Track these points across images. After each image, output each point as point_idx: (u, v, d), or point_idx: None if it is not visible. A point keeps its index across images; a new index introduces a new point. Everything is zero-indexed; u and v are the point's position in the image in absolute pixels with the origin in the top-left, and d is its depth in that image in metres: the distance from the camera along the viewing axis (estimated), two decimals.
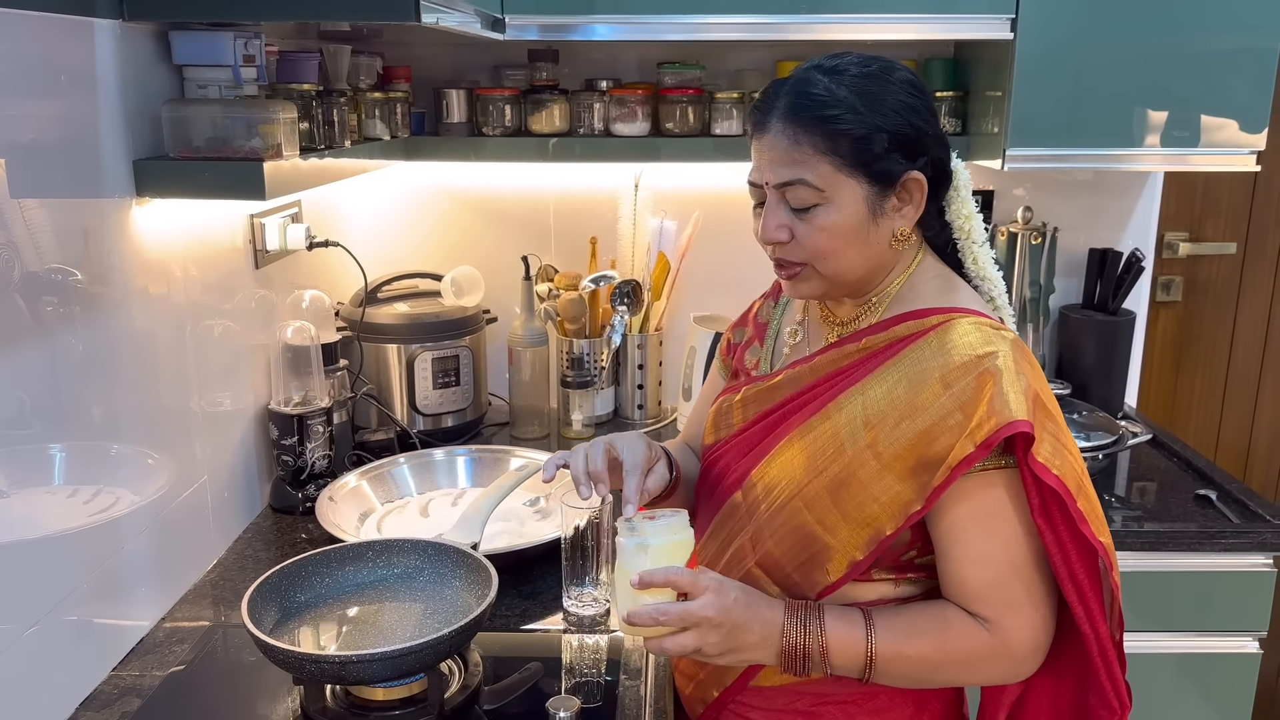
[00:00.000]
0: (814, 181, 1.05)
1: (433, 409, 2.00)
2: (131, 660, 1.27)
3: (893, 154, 1.05)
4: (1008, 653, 1.05)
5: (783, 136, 1.05)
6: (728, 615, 1.02)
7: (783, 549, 1.10)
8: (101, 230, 1.23)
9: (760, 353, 1.29)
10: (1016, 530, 1.03)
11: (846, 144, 1.04)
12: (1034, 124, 1.84)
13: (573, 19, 1.79)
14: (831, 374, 1.13)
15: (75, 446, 1.19)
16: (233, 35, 1.35)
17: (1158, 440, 2.06)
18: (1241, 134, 1.84)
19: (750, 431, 1.19)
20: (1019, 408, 1.00)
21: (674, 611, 1.01)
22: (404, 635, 1.19)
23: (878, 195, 1.06)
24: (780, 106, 1.06)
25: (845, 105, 1.03)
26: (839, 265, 1.08)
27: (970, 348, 1.04)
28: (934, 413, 1.02)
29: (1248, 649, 1.76)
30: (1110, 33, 1.79)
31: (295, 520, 1.67)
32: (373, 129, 1.84)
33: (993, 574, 1.04)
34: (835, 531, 1.07)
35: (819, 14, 1.78)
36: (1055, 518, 1.02)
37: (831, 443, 1.08)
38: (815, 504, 1.08)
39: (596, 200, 2.20)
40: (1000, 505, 1.03)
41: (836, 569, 1.07)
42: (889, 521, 1.04)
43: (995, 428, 0.99)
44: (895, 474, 1.04)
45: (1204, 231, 2.51)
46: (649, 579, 1.01)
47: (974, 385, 1.02)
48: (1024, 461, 1.01)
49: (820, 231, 1.06)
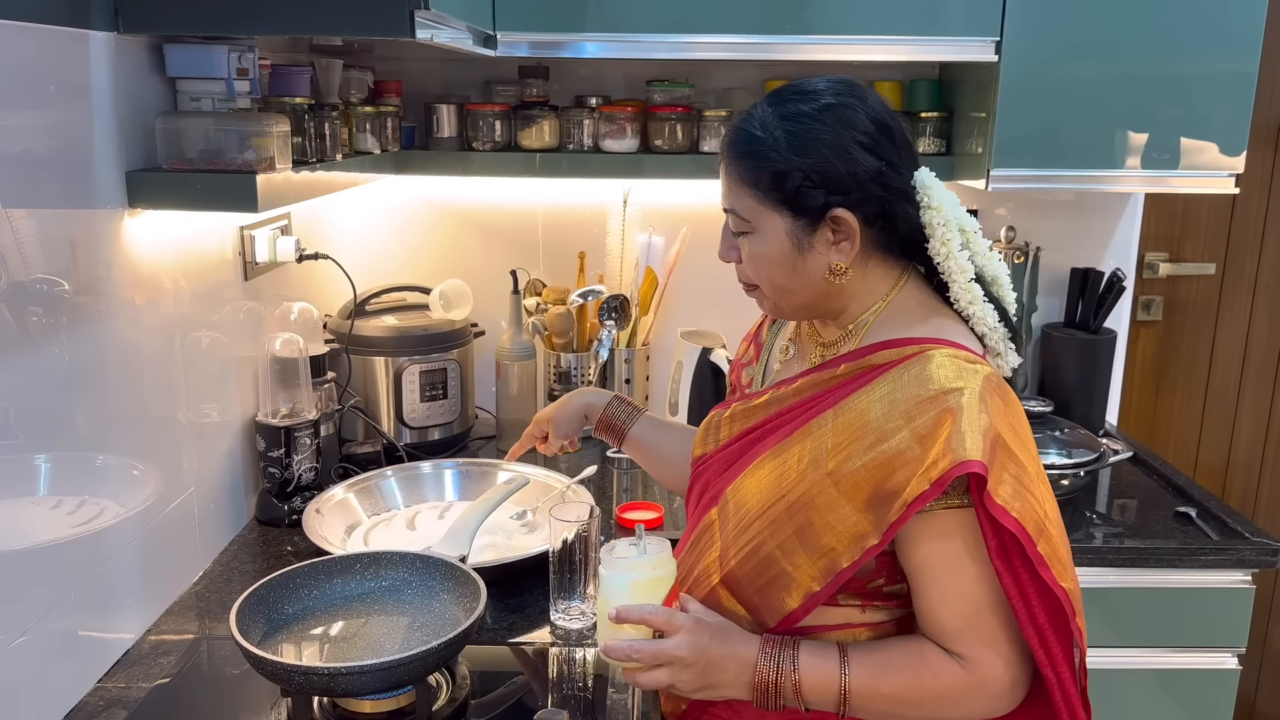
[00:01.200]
0: (741, 212, 1.11)
1: (420, 422, 2.00)
2: (117, 672, 1.26)
3: (813, 190, 1.06)
4: (985, 689, 1.04)
5: (724, 168, 1.13)
6: (701, 653, 1.03)
7: (744, 570, 1.10)
8: (93, 241, 1.24)
9: (754, 371, 1.31)
10: (988, 568, 1.02)
11: (766, 178, 1.08)
12: (1018, 145, 1.86)
13: (563, 36, 1.81)
14: (810, 397, 1.13)
15: (60, 457, 1.18)
16: (226, 48, 1.36)
17: (1138, 458, 2.09)
18: (1220, 157, 1.87)
19: (732, 448, 1.20)
20: (974, 447, 0.98)
21: (647, 650, 1.03)
22: (392, 647, 1.20)
23: (802, 229, 1.09)
24: (725, 138, 1.14)
25: (769, 143, 1.08)
26: (775, 292, 1.13)
27: (938, 382, 1.03)
28: (894, 445, 1.01)
29: (1227, 665, 1.78)
30: (1092, 56, 1.82)
31: (281, 533, 1.66)
32: (363, 142, 1.85)
33: (967, 610, 1.03)
34: (793, 559, 1.06)
35: (806, 34, 1.80)
36: (1015, 560, 1.00)
37: (796, 467, 1.08)
38: (776, 529, 1.07)
39: (585, 215, 2.21)
40: (968, 543, 1.02)
41: (794, 598, 1.07)
42: (845, 554, 1.03)
43: (948, 466, 0.98)
44: (852, 504, 1.02)
45: (1184, 252, 2.54)
46: (625, 615, 1.04)
47: (933, 421, 1.00)
48: (978, 503, 0.99)
49: (750, 257, 1.13)
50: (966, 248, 1.12)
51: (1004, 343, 1.13)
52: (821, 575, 1.04)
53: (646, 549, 1.08)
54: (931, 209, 1.11)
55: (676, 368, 2.09)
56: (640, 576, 1.05)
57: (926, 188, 1.11)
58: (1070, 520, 1.83)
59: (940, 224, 1.11)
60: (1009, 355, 1.14)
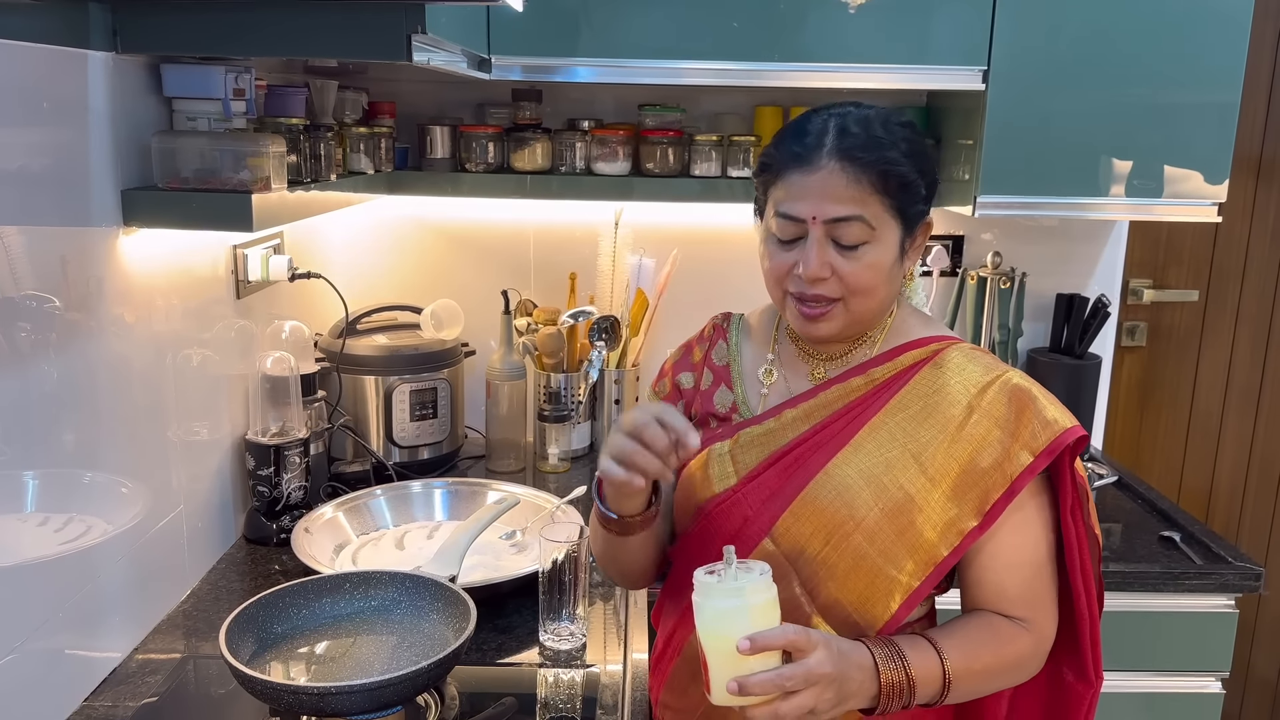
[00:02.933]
0: (870, 220, 1.07)
1: (409, 441, 2.00)
2: (104, 691, 1.26)
3: (924, 200, 1.12)
4: (1041, 648, 1.12)
5: (841, 174, 1.06)
6: (839, 668, 0.99)
7: (844, 589, 1.09)
8: (87, 258, 1.24)
9: (734, 396, 1.24)
10: (1042, 532, 1.11)
11: (895, 186, 1.07)
12: (1004, 172, 1.89)
13: (556, 61, 1.83)
14: (845, 409, 1.14)
15: (48, 474, 1.18)
16: (223, 69, 1.37)
17: (1123, 482, 2.10)
18: (1203, 185, 1.90)
19: (764, 477, 1.15)
20: (1064, 415, 1.08)
21: (799, 674, 0.96)
22: (381, 667, 1.20)
23: (906, 237, 1.12)
24: (833, 144, 1.07)
25: (900, 150, 1.08)
26: (871, 303, 1.12)
27: (985, 369, 1.12)
28: (971, 431, 1.08)
29: (1210, 689, 1.79)
30: (1078, 86, 1.85)
31: (269, 551, 1.66)
32: (357, 163, 1.86)
33: (1028, 576, 1.11)
34: (898, 562, 1.08)
35: (795, 62, 1.83)
36: (1078, 516, 1.10)
37: (877, 474, 1.10)
38: (876, 539, 1.08)
39: (576, 237, 2.23)
40: (1036, 510, 1.11)
41: (896, 600, 1.09)
42: (944, 544, 1.08)
43: (1054, 436, 1.06)
44: (943, 494, 1.08)
45: (1167, 279, 2.57)
46: (764, 642, 0.95)
47: (1007, 402, 1.09)
48: (1069, 465, 1.08)
49: (867, 269, 1.09)
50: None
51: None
52: (921, 570, 1.08)
53: (748, 569, 0.99)
54: None
55: None
56: (759, 600, 0.97)
57: None
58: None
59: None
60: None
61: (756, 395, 1.23)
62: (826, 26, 1.81)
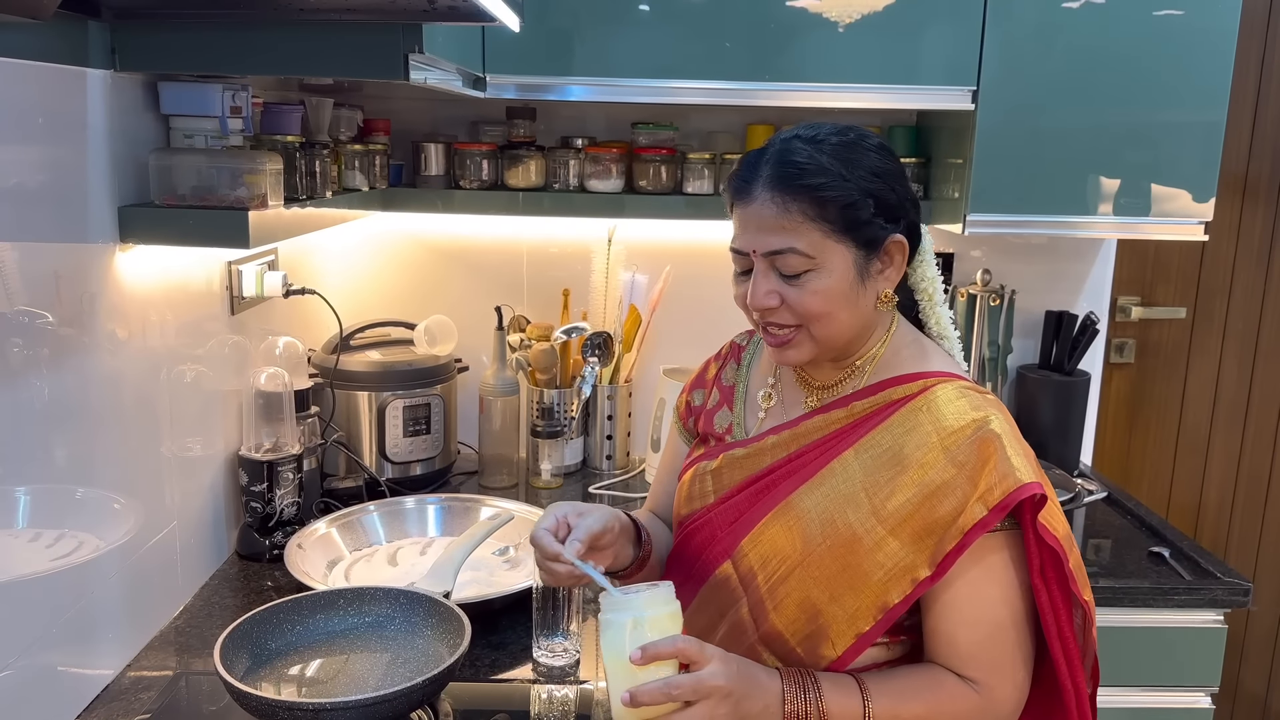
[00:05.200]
0: (804, 249, 1.06)
1: (402, 457, 2.00)
2: (97, 708, 1.25)
3: (877, 218, 1.07)
4: (992, 713, 1.06)
5: (771, 205, 1.06)
6: (736, 683, 0.98)
7: (785, 621, 1.08)
8: (83, 274, 1.24)
9: (731, 417, 1.25)
10: (1008, 592, 1.05)
11: (835, 210, 1.05)
12: (993, 190, 1.91)
13: (550, 80, 1.84)
14: (821, 440, 1.12)
15: (40, 489, 1.18)
16: (221, 87, 1.38)
17: (1112, 498, 2.12)
18: (1190, 204, 1.92)
19: (736, 499, 1.16)
20: (1025, 470, 1.02)
21: (687, 683, 0.95)
22: (375, 683, 1.20)
23: (864, 259, 1.08)
24: (765, 175, 1.07)
25: (831, 173, 1.05)
26: (832, 328, 1.09)
27: (962, 413, 1.05)
28: (935, 478, 1.03)
29: (1200, 704, 1.80)
30: (1066, 105, 1.88)
31: (262, 567, 1.66)
32: (352, 180, 1.87)
33: (983, 635, 1.05)
34: (841, 601, 1.05)
35: (786, 81, 1.85)
36: (1050, 577, 1.04)
37: (831, 509, 1.07)
38: (819, 574, 1.06)
39: (570, 253, 2.24)
40: (999, 567, 1.04)
41: (843, 641, 1.06)
42: (895, 590, 1.03)
43: (1007, 491, 1.01)
44: (899, 540, 1.03)
45: (1155, 296, 2.60)
46: (654, 651, 0.95)
47: (974, 450, 1.03)
48: (1031, 524, 1.02)
49: (813, 296, 1.07)
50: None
51: (964, 366, 1.19)
52: (873, 614, 1.04)
53: (654, 586, 1.00)
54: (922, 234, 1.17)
55: (659, 405, 2.11)
56: (656, 613, 0.97)
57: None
58: None
59: (926, 249, 1.18)
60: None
61: (754, 418, 1.23)
62: (817, 47, 1.83)
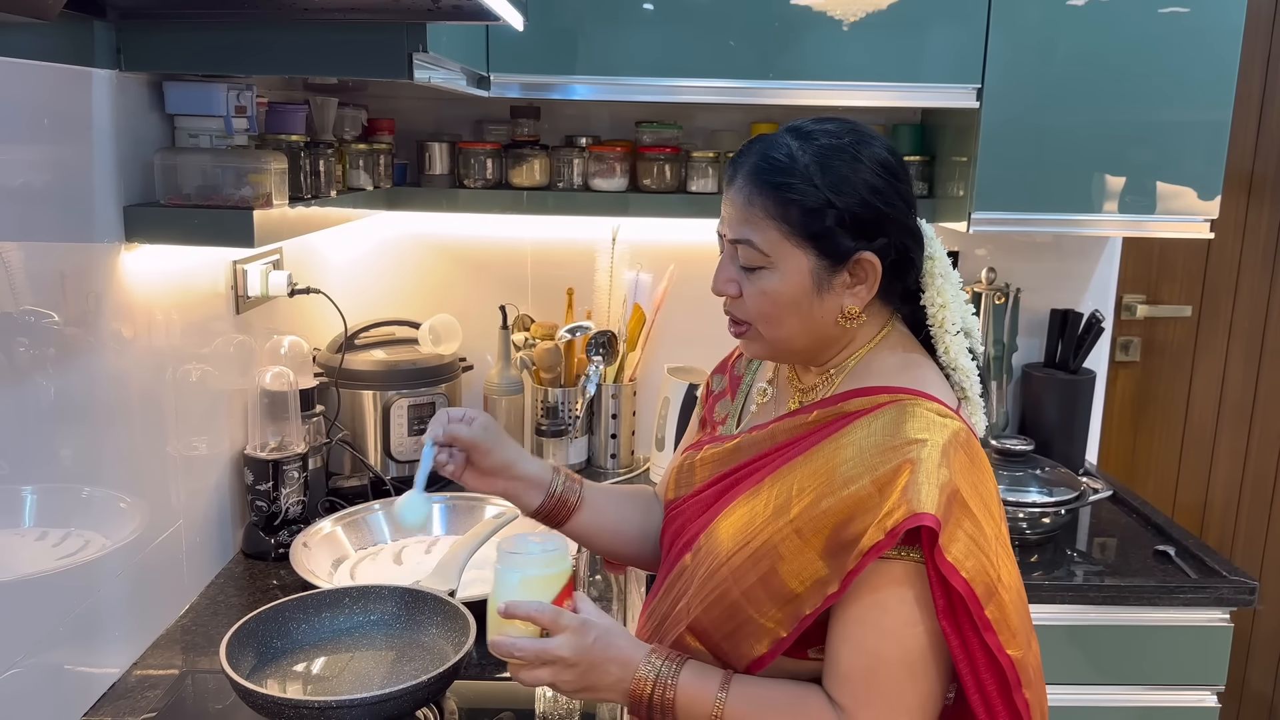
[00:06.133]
0: (760, 245, 1.05)
1: (407, 456, 2.00)
2: (103, 706, 1.26)
3: (845, 231, 1.04)
4: None
5: (740, 194, 1.06)
6: (584, 655, 1.02)
7: (710, 617, 1.07)
8: (88, 274, 1.25)
9: (730, 408, 1.26)
10: (901, 627, 0.98)
11: (797, 213, 1.03)
12: (998, 188, 1.91)
13: (554, 79, 1.84)
14: (785, 443, 1.11)
15: (47, 489, 1.18)
16: (225, 86, 1.38)
17: (1118, 496, 2.11)
18: (1196, 202, 1.92)
19: (706, 493, 1.17)
20: (929, 500, 0.96)
21: (530, 649, 1.01)
22: (381, 681, 1.20)
23: (825, 269, 1.05)
24: (746, 164, 1.07)
25: (802, 175, 1.03)
26: (779, 332, 1.08)
27: (905, 432, 1.01)
28: (855, 492, 0.99)
29: (1206, 703, 1.80)
30: (1072, 103, 1.87)
31: (267, 566, 1.66)
32: (356, 179, 1.87)
33: (864, 664, 0.99)
34: (759, 606, 1.03)
35: (790, 80, 1.85)
36: (963, 622, 0.97)
37: (761, 514, 1.05)
38: (741, 576, 1.04)
39: (574, 252, 2.24)
40: (893, 597, 0.98)
41: (762, 644, 1.04)
42: (808, 600, 1.00)
43: (903, 517, 0.95)
44: (815, 551, 1.00)
45: (1160, 294, 2.59)
46: (513, 610, 1.02)
47: (893, 470, 0.98)
48: (930, 558, 0.96)
49: (761, 295, 1.06)
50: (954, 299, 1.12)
51: (977, 402, 1.12)
52: (787, 621, 1.02)
53: (542, 547, 1.07)
54: (933, 258, 1.11)
55: (663, 403, 2.11)
56: (532, 573, 1.05)
57: (928, 238, 1.11)
58: (1050, 558, 1.85)
59: (940, 274, 1.11)
60: (980, 414, 1.12)
61: (747, 413, 1.24)
62: (822, 45, 1.83)
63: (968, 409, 1.11)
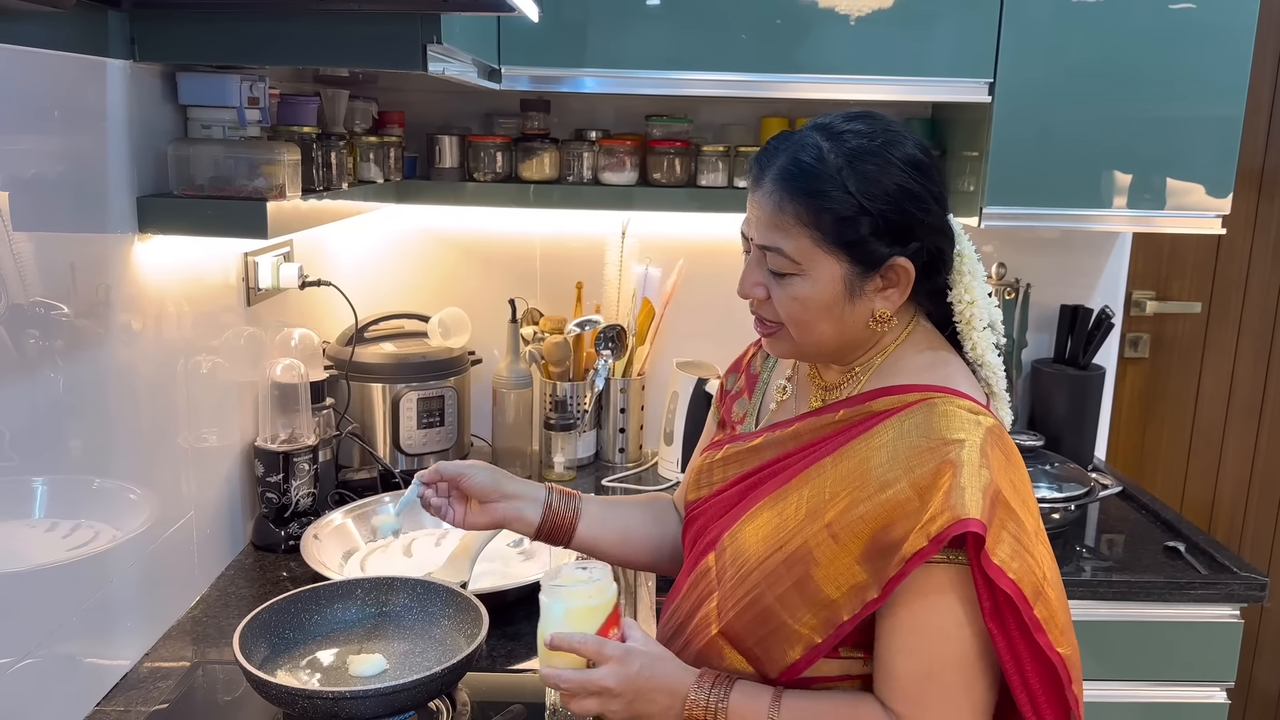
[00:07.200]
0: (790, 253, 1.03)
1: (416, 449, 2.00)
2: (115, 696, 1.26)
3: (879, 238, 1.02)
4: None
5: (769, 199, 1.03)
6: (629, 684, 1.02)
7: (743, 622, 1.06)
8: (101, 265, 1.25)
9: (748, 406, 1.25)
10: (953, 630, 0.97)
11: (830, 221, 1.01)
12: (1009, 184, 1.90)
13: (564, 71, 1.84)
14: (809, 443, 1.09)
15: (57, 480, 1.18)
16: (238, 78, 1.38)
17: (1127, 492, 2.11)
18: (1206, 198, 1.91)
19: (729, 492, 1.16)
20: (974, 504, 0.94)
21: (575, 680, 1.02)
22: (393, 673, 1.20)
23: (858, 275, 1.03)
24: (775, 167, 1.04)
25: (834, 181, 1.00)
26: (810, 336, 1.06)
27: (940, 431, 0.99)
28: (893, 496, 0.97)
29: (1215, 699, 1.80)
30: (1083, 99, 1.87)
31: (277, 558, 1.66)
32: (366, 172, 1.87)
33: (918, 668, 0.99)
34: (793, 611, 1.02)
35: (800, 73, 1.84)
36: (1009, 623, 0.96)
37: (794, 516, 1.04)
38: (775, 581, 1.03)
39: (583, 246, 2.24)
40: (942, 601, 0.97)
41: (796, 650, 1.02)
42: (846, 606, 0.99)
43: (947, 523, 0.94)
44: (852, 556, 0.98)
45: (1170, 291, 2.59)
46: (558, 642, 1.03)
47: (933, 473, 0.97)
48: (976, 562, 0.95)
49: (793, 300, 1.05)
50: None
51: (1004, 397, 1.11)
52: (823, 627, 1.00)
53: (586, 577, 1.07)
54: (961, 255, 1.09)
55: (672, 398, 2.11)
56: (575, 605, 1.05)
57: (957, 235, 1.09)
58: (1060, 554, 1.84)
59: (968, 271, 1.10)
60: (1006, 409, 1.11)
61: (766, 411, 1.23)
62: (832, 38, 1.83)
63: (995, 404, 1.10)
